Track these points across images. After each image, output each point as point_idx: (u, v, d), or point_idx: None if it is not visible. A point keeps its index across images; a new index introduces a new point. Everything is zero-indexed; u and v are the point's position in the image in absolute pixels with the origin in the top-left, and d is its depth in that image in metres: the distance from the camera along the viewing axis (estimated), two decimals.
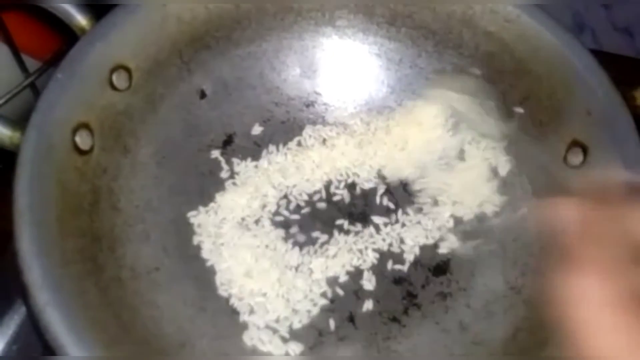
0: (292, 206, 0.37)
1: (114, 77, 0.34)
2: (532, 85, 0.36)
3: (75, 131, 0.32)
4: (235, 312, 0.33)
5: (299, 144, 0.39)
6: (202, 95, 0.39)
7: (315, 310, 0.34)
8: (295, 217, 0.37)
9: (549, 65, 0.35)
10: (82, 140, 0.32)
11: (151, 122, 0.37)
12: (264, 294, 0.34)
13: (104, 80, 0.34)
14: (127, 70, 0.35)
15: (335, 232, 0.36)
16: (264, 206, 0.37)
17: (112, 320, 0.28)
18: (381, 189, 0.37)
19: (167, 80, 0.37)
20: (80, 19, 0.34)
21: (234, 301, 0.34)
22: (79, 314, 0.25)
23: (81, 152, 0.32)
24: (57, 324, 0.24)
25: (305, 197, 0.37)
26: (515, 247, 0.34)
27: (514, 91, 0.37)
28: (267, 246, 0.35)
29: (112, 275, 0.31)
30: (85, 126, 0.32)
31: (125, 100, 0.35)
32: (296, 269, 0.34)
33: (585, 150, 0.33)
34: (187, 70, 0.38)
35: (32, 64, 0.40)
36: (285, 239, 0.35)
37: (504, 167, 0.37)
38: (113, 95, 0.34)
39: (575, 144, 0.34)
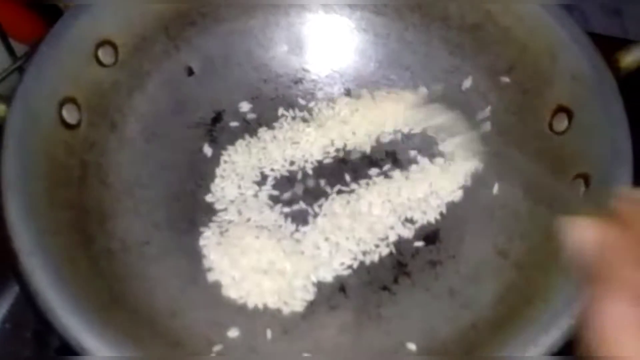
0: (284, 182, 0.37)
1: (100, 52, 0.34)
2: (517, 54, 0.36)
3: (61, 105, 0.32)
4: (225, 286, 0.33)
5: (289, 120, 0.39)
6: (190, 72, 0.39)
7: (306, 282, 0.34)
8: (288, 192, 0.37)
9: (534, 33, 0.35)
10: (69, 114, 0.32)
11: (138, 98, 0.37)
12: (256, 268, 0.34)
13: (89, 54, 0.34)
14: (113, 45, 0.35)
15: (327, 205, 0.36)
16: (256, 182, 0.37)
17: (103, 289, 0.28)
18: (371, 157, 0.37)
19: (154, 56, 0.37)
20: None
21: (225, 275, 0.34)
22: (69, 280, 0.25)
23: (68, 126, 0.32)
24: (46, 287, 0.24)
25: (298, 172, 0.37)
26: (503, 213, 0.35)
27: (500, 61, 0.37)
28: (260, 222, 0.35)
29: (102, 247, 0.31)
30: (71, 100, 0.32)
31: (112, 76, 0.35)
32: (289, 243, 0.34)
33: (570, 115, 0.33)
34: (174, 46, 0.38)
35: (20, 49, 0.41)
36: (279, 214, 0.36)
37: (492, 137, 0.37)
38: (99, 70, 0.34)
39: (560, 109, 0.34)
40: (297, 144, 0.38)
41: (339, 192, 0.36)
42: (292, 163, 0.37)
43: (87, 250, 0.29)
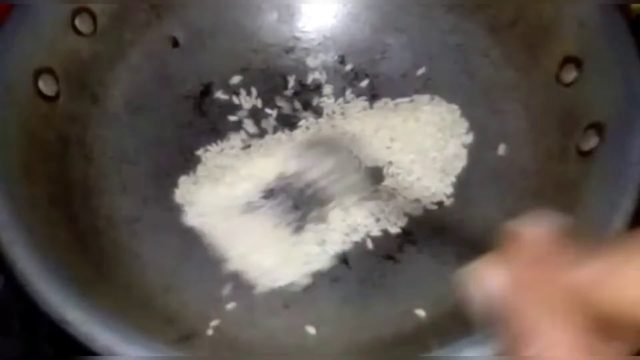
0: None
1: (77, 21, 0.32)
2: (519, 6, 0.34)
3: (37, 75, 0.30)
4: (223, 261, 0.32)
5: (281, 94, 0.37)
6: (175, 43, 0.37)
7: (307, 257, 0.32)
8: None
9: None
10: (46, 85, 0.30)
11: (121, 70, 0.35)
12: (254, 242, 0.32)
13: (65, 22, 0.32)
14: (91, 13, 0.33)
15: (325, 181, 0.34)
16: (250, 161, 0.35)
17: (90, 265, 0.26)
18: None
19: (135, 25, 0.35)
20: None
21: (221, 250, 0.32)
22: (52, 255, 0.24)
23: (46, 97, 0.30)
24: (25, 259, 0.22)
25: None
26: (511, 173, 0.33)
27: (502, 16, 0.35)
28: (255, 201, 0.33)
29: (88, 224, 0.29)
30: (48, 71, 0.31)
31: (91, 46, 0.33)
32: (288, 216, 0.33)
33: (578, 65, 0.31)
34: (157, 15, 0.36)
35: None
36: (275, 192, 0.34)
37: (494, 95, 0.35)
38: (77, 40, 0.32)
39: (568, 60, 0.32)
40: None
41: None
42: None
43: (70, 226, 0.27)
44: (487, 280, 0.17)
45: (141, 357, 0.22)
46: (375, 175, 0.34)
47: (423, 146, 0.35)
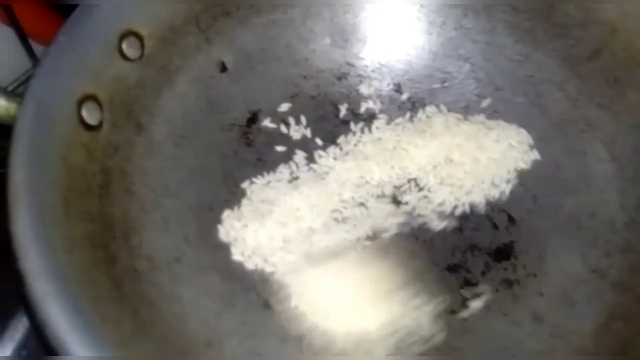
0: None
1: (124, 45, 0.30)
2: (603, 37, 0.31)
3: (81, 103, 0.28)
4: (267, 307, 0.29)
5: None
6: (223, 68, 0.35)
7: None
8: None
9: (624, 12, 0.30)
10: (90, 114, 0.28)
11: (167, 97, 0.33)
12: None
13: (112, 47, 0.30)
14: (139, 37, 0.31)
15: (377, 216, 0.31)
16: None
17: (128, 315, 0.24)
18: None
19: (184, 50, 0.34)
20: None
21: (266, 296, 0.29)
22: (86, 307, 0.21)
23: (89, 127, 0.28)
24: (58, 317, 0.20)
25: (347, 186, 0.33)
26: (593, 223, 0.29)
27: (581, 45, 0.32)
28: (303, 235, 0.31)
29: (127, 266, 0.27)
30: (92, 98, 0.29)
31: (138, 72, 0.31)
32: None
33: None
34: (206, 39, 0.34)
35: (40, 50, 0.38)
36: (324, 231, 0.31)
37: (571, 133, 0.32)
38: (123, 65, 0.31)
39: None
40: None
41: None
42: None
43: (108, 270, 0.25)
44: None
45: None
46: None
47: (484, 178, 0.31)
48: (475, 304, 0.29)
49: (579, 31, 0.32)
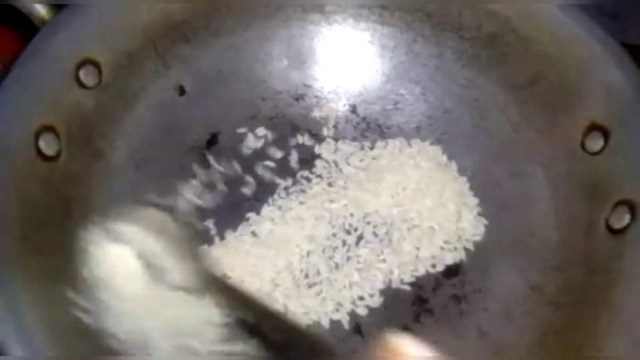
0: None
1: (81, 73, 0.31)
2: (540, 66, 0.33)
3: (38, 135, 0.28)
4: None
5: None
6: (182, 91, 0.36)
7: (320, 323, 0.30)
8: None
9: (559, 43, 0.32)
10: (47, 145, 0.29)
11: (126, 121, 0.33)
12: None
13: (69, 76, 0.30)
14: (96, 64, 0.31)
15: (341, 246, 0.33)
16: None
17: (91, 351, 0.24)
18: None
19: (142, 75, 0.34)
20: (40, 9, 0.30)
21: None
22: (48, 348, 0.22)
23: (46, 158, 0.28)
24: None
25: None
26: (533, 241, 0.32)
27: (521, 74, 0.34)
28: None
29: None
30: (50, 129, 0.29)
31: (96, 99, 0.32)
32: (304, 284, 0.31)
33: (605, 134, 0.30)
34: (164, 64, 0.35)
35: None
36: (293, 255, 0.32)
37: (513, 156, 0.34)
38: (81, 93, 0.31)
39: (594, 127, 0.31)
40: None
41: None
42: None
43: (71, 305, 0.25)
44: None
45: None
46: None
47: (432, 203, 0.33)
48: (427, 320, 0.31)
49: (518, 60, 0.34)
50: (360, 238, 0.33)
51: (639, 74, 0.30)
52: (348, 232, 0.33)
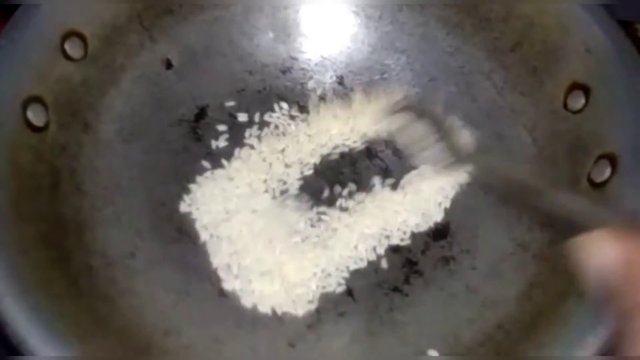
0: (280, 181, 0.34)
1: (67, 45, 0.31)
2: (523, 30, 0.34)
3: (25, 105, 0.28)
4: (223, 296, 0.30)
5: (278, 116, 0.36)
6: (168, 65, 0.36)
7: (311, 288, 0.31)
8: (285, 191, 0.34)
9: (541, 7, 0.33)
10: (35, 115, 0.29)
11: (113, 95, 0.33)
12: (258, 273, 0.31)
13: (55, 48, 0.30)
14: (81, 37, 0.31)
15: (327, 207, 0.33)
16: (249, 183, 0.34)
17: (86, 312, 0.25)
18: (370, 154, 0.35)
19: (128, 48, 0.34)
20: None
21: (222, 284, 0.31)
22: (45, 306, 0.22)
23: (35, 128, 0.29)
24: (18, 315, 0.21)
25: (295, 171, 0.34)
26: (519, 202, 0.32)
27: (504, 38, 0.35)
28: (256, 224, 0.32)
29: (82, 263, 0.27)
30: (37, 100, 0.29)
31: (82, 71, 0.32)
32: (288, 246, 0.31)
33: (587, 92, 0.31)
34: (150, 37, 0.35)
35: None
36: (278, 216, 0.32)
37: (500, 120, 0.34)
38: (67, 65, 0.31)
39: (575, 86, 0.31)
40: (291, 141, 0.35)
41: (340, 195, 0.34)
42: (289, 159, 0.34)
43: (64, 268, 0.26)
44: (604, 252, 0.17)
45: None
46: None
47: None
48: (416, 281, 0.32)
49: (501, 25, 0.35)
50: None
51: (617, 32, 0.30)
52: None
